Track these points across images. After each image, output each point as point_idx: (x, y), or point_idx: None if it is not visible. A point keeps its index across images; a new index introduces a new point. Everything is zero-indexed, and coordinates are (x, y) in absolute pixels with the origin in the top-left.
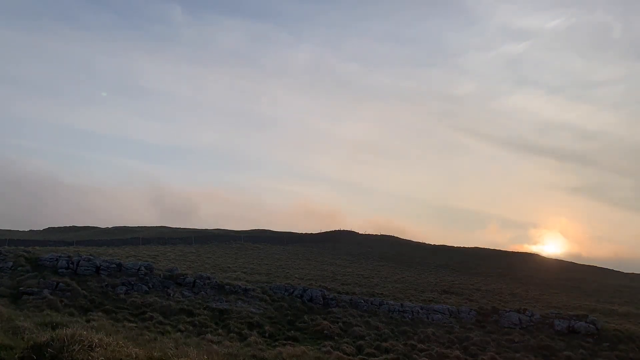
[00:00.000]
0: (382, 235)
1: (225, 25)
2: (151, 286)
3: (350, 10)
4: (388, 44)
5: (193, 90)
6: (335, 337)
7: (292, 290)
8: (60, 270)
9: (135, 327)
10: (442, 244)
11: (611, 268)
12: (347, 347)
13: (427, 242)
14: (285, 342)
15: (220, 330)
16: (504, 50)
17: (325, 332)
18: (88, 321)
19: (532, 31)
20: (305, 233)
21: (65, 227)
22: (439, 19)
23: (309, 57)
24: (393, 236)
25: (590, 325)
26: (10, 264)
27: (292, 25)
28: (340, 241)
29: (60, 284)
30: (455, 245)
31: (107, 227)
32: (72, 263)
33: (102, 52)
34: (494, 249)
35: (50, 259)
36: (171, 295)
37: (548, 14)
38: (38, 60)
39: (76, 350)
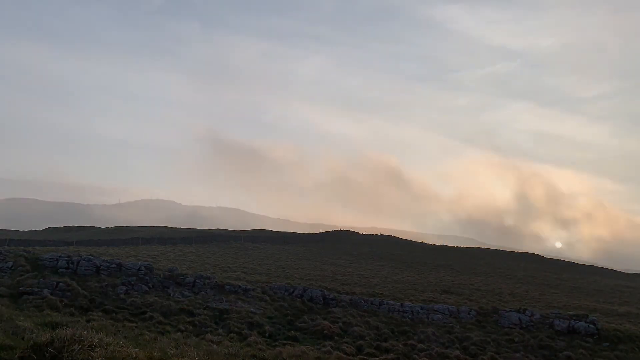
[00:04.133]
0: (382, 235)
1: (239, 41)
2: (151, 286)
3: (353, 30)
4: (388, 61)
5: (207, 99)
6: (335, 337)
7: (292, 290)
8: (60, 270)
9: (135, 327)
10: (442, 244)
11: (611, 268)
12: (347, 347)
13: (427, 242)
14: (285, 342)
15: (220, 330)
16: (498, 67)
17: (325, 332)
18: (88, 321)
19: (526, 50)
20: (305, 233)
21: (65, 227)
22: (436, 40)
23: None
24: (393, 236)
25: (590, 325)
26: (10, 264)
27: (299, 43)
28: (340, 241)
29: (60, 284)
30: (455, 245)
31: (107, 227)
32: (72, 263)
33: (127, 67)
34: (494, 249)
35: (50, 259)
36: (171, 295)
37: (542, 34)
38: (62, 73)
39: (76, 350)
